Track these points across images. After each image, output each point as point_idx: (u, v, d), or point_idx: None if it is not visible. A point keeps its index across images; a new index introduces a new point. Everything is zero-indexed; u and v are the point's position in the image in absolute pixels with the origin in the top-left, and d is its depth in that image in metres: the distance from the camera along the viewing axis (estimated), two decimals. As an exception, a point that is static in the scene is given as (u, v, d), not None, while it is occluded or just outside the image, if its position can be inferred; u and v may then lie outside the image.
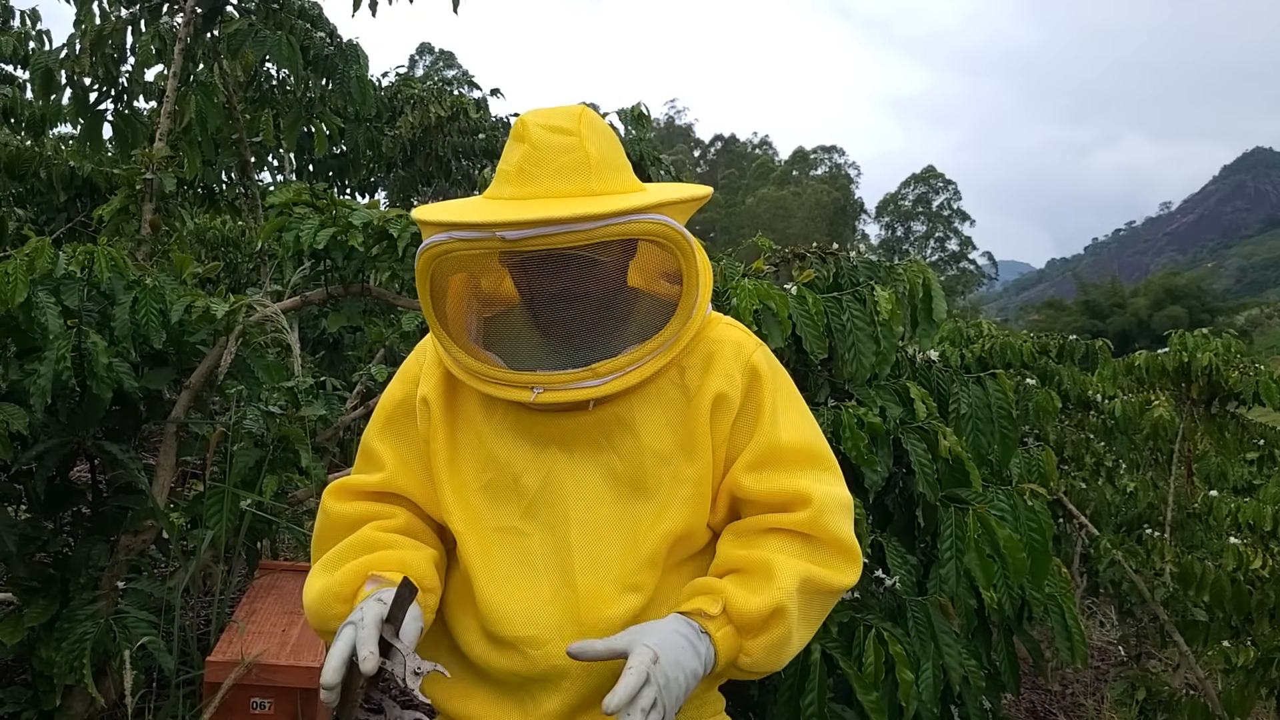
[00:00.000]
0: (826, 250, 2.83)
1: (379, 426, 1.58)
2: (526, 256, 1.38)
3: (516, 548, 1.46)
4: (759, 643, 1.37)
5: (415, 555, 1.46)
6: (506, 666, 1.43)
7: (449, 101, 7.28)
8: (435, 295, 1.42)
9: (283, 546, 4.19)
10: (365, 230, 2.98)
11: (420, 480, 1.53)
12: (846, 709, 2.21)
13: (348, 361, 6.19)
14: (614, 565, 1.43)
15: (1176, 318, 35.99)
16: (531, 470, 1.47)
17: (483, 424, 1.50)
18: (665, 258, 1.43)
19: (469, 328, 1.48)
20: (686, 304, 1.41)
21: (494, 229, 1.31)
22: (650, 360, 1.40)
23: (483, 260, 1.45)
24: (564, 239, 1.31)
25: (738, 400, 1.47)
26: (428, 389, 1.52)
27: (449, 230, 1.35)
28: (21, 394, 2.65)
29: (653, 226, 1.36)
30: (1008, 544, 2.32)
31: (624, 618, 1.40)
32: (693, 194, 1.46)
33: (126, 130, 4.95)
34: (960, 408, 2.65)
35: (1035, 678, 4.61)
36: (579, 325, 1.42)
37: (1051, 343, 5.57)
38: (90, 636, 2.65)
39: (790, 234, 43.07)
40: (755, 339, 1.56)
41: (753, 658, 1.37)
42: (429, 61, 45.34)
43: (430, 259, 1.38)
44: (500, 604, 1.43)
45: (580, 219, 1.30)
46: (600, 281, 1.42)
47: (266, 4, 4.74)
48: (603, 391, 1.39)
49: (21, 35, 6.41)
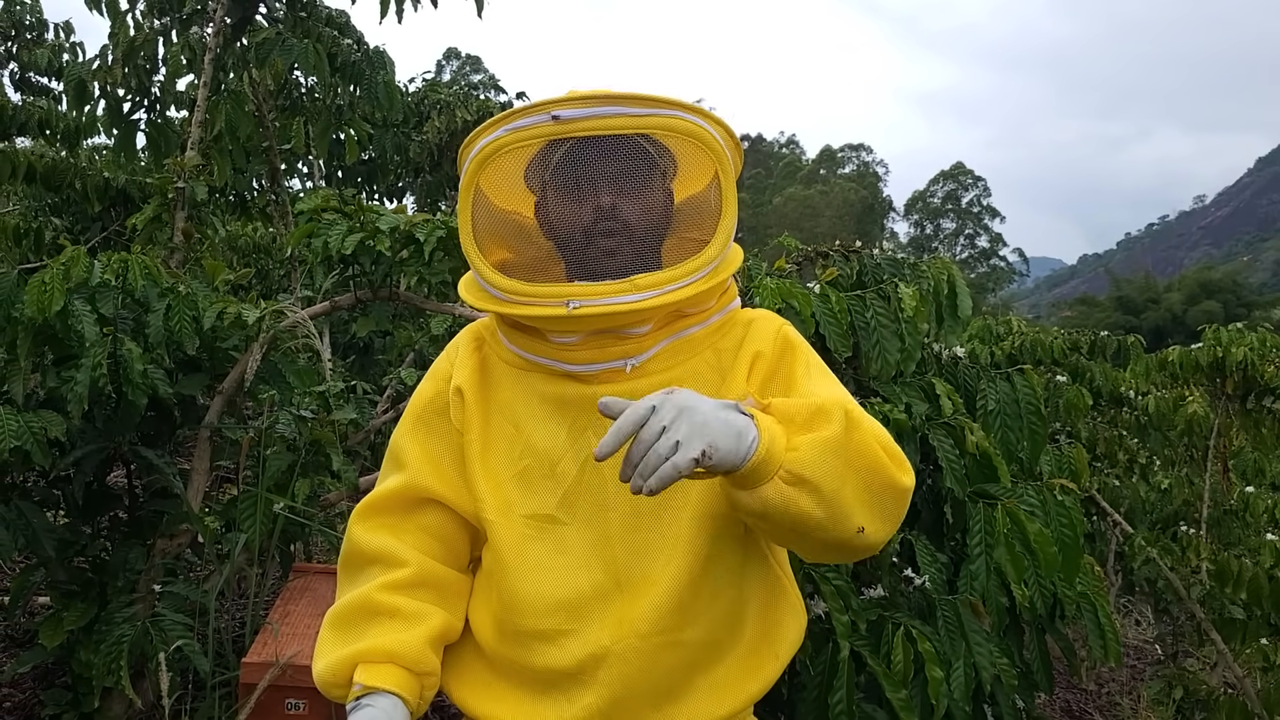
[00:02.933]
0: (850, 248, 2.83)
1: (409, 424, 1.57)
2: (576, 146, 1.39)
3: (552, 536, 1.43)
4: (808, 438, 1.21)
5: (408, 637, 1.42)
6: (539, 662, 1.41)
7: (475, 106, 7.32)
8: (476, 214, 1.44)
9: (315, 549, 4.23)
10: (392, 235, 3.00)
11: (449, 477, 1.51)
12: (876, 708, 2.21)
13: (377, 365, 6.25)
14: (659, 554, 1.40)
15: (1211, 312, 35.49)
16: (569, 456, 1.44)
17: (518, 411, 1.48)
18: (706, 177, 1.43)
19: (504, 258, 1.48)
20: (726, 226, 1.41)
21: (548, 108, 1.34)
22: (689, 284, 1.38)
23: (523, 181, 1.47)
24: (616, 122, 1.34)
25: (773, 361, 1.46)
26: (461, 379, 1.52)
27: (504, 125, 1.38)
28: (59, 401, 2.70)
29: (699, 129, 1.38)
30: (1038, 539, 2.30)
31: (664, 604, 1.38)
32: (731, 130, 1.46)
33: (159, 139, 5.02)
34: (988, 404, 2.64)
35: (1070, 676, 4.57)
36: (620, 238, 1.41)
37: (1083, 339, 5.53)
38: (128, 639, 2.68)
39: (818, 233, 42.87)
40: (783, 319, 1.55)
41: (801, 452, 1.19)
42: (456, 66, 45.55)
43: (483, 160, 1.40)
44: (531, 594, 1.41)
45: (631, 99, 1.35)
46: (644, 188, 1.42)
47: (294, 13, 4.79)
48: (641, 306, 1.35)
49: (56, 48, 6.53)
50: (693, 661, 1.42)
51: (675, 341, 1.46)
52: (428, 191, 7.67)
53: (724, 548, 1.42)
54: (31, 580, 3.02)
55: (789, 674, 2.30)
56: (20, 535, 2.69)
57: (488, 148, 1.39)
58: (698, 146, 1.40)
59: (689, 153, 1.44)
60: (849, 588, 2.28)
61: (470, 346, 1.56)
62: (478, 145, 1.41)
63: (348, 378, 4.04)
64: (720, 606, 1.43)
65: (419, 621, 1.45)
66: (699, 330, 1.47)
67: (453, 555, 1.55)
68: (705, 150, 1.40)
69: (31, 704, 3.25)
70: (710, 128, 1.40)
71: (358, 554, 1.52)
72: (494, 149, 1.38)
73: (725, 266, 1.43)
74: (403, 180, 7.60)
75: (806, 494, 1.20)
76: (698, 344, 1.47)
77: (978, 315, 6.13)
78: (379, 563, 1.49)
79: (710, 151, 1.40)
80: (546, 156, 1.43)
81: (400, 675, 1.39)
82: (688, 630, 1.40)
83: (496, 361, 1.53)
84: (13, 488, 2.91)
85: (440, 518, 1.53)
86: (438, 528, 1.53)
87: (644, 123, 1.36)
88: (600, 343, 1.42)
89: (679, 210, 1.48)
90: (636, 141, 1.39)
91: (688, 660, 1.42)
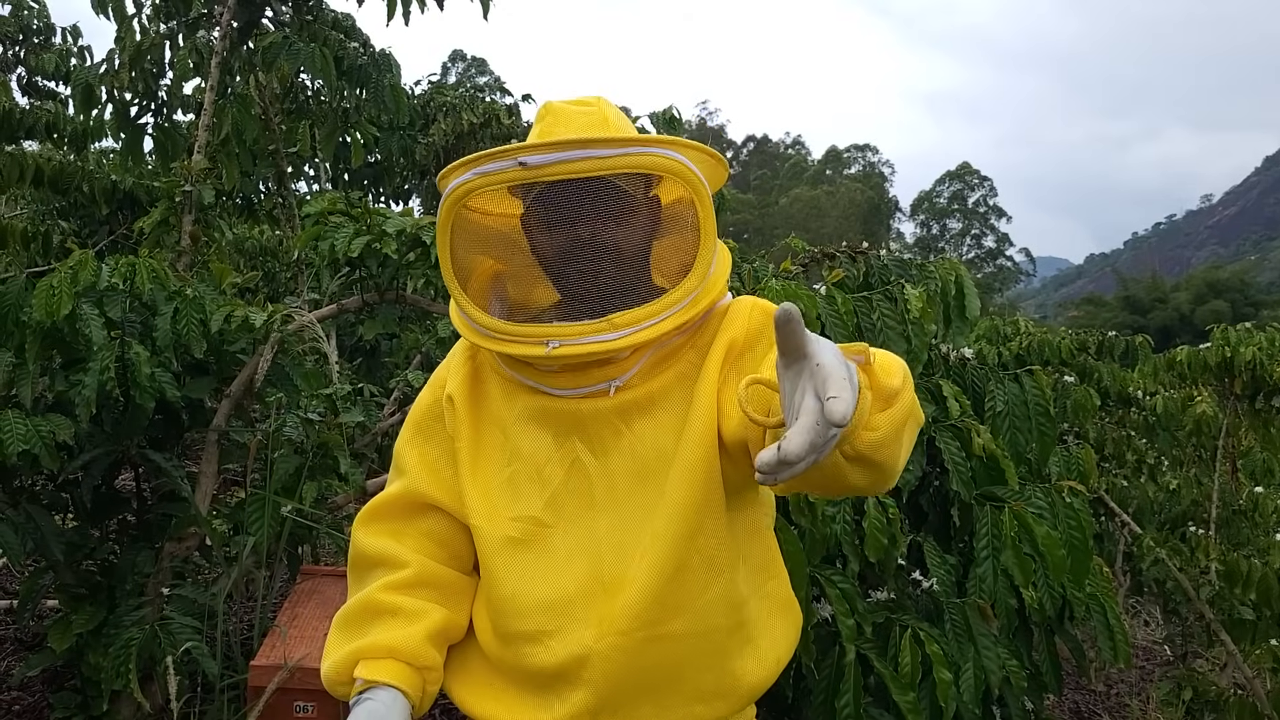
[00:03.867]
0: (856, 250, 2.82)
1: (409, 432, 1.60)
2: (546, 189, 1.39)
3: (537, 539, 1.45)
4: (887, 416, 1.09)
5: (409, 633, 1.45)
6: (528, 663, 1.43)
7: (481, 108, 7.31)
8: (455, 249, 1.44)
9: (323, 551, 4.24)
10: (399, 238, 3.01)
11: (447, 483, 1.54)
12: (883, 711, 2.20)
13: (384, 368, 6.25)
14: (644, 553, 1.40)
15: (1219, 312, 35.37)
16: (555, 461, 1.46)
17: (506, 418, 1.50)
18: (682, 208, 1.43)
19: (485, 290, 1.49)
20: (705, 256, 1.39)
21: (516, 154, 1.34)
22: (667, 317, 1.37)
23: (504, 202, 1.47)
24: (583, 165, 1.33)
25: (750, 337, 1.42)
26: (453, 387, 1.54)
27: (472, 168, 1.38)
28: (67, 404, 2.71)
29: (670, 163, 1.37)
30: (1046, 541, 2.29)
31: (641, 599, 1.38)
32: (709, 150, 1.45)
33: (166, 143, 5.03)
34: (996, 405, 2.63)
35: (1079, 678, 4.56)
36: (596, 275, 1.41)
37: (1090, 339, 5.51)
38: (136, 642, 2.69)
39: (824, 234, 42.83)
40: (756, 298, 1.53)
41: (878, 433, 1.08)
42: (461, 69, 45.61)
43: (454, 201, 1.40)
44: (516, 596, 1.43)
45: (598, 142, 1.34)
46: (618, 226, 1.42)
47: (300, 16, 4.80)
48: (619, 345, 1.35)
49: (63, 52, 6.55)
50: (682, 656, 1.43)
51: (657, 354, 1.46)
52: (434, 194, 7.66)
53: (705, 537, 1.41)
54: (40, 583, 3.03)
55: (795, 678, 2.29)
56: (29, 539, 2.70)
57: (458, 190, 1.39)
58: (671, 180, 1.39)
59: (662, 187, 1.45)
60: (854, 591, 2.28)
61: (464, 354, 1.58)
62: (449, 185, 1.41)
63: (354, 380, 4.05)
64: (707, 599, 1.43)
65: (419, 618, 1.47)
66: (680, 339, 1.47)
67: (454, 558, 1.57)
68: (680, 182, 1.39)
69: (40, 707, 3.25)
70: (682, 157, 1.38)
71: (362, 558, 1.56)
72: (464, 192, 1.39)
73: (706, 293, 1.42)
74: (408, 183, 7.60)
75: (861, 469, 1.11)
76: (680, 348, 1.47)
77: (984, 316, 6.12)
78: (382, 565, 1.53)
79: (685, 183, 1.38)
80: (522, 187, 1.44)
81: (400, 669, 1.42)
82: (672, 624, 1.40)
83: (488, 370, 1.55)
84: (21, 491, 2.92)
85: (440, 522, 1.55)
86: (438, 532, 1.55)
87: (612, 164, 1.34)
88: (583, 369, 1.43)
89: (656, 243, 1.48)
90: (607, 180, 1.39)
91: (677, 655, 1.42)
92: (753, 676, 1.48)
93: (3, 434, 2.56)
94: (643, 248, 1.46)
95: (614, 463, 1.44)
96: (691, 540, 1.39)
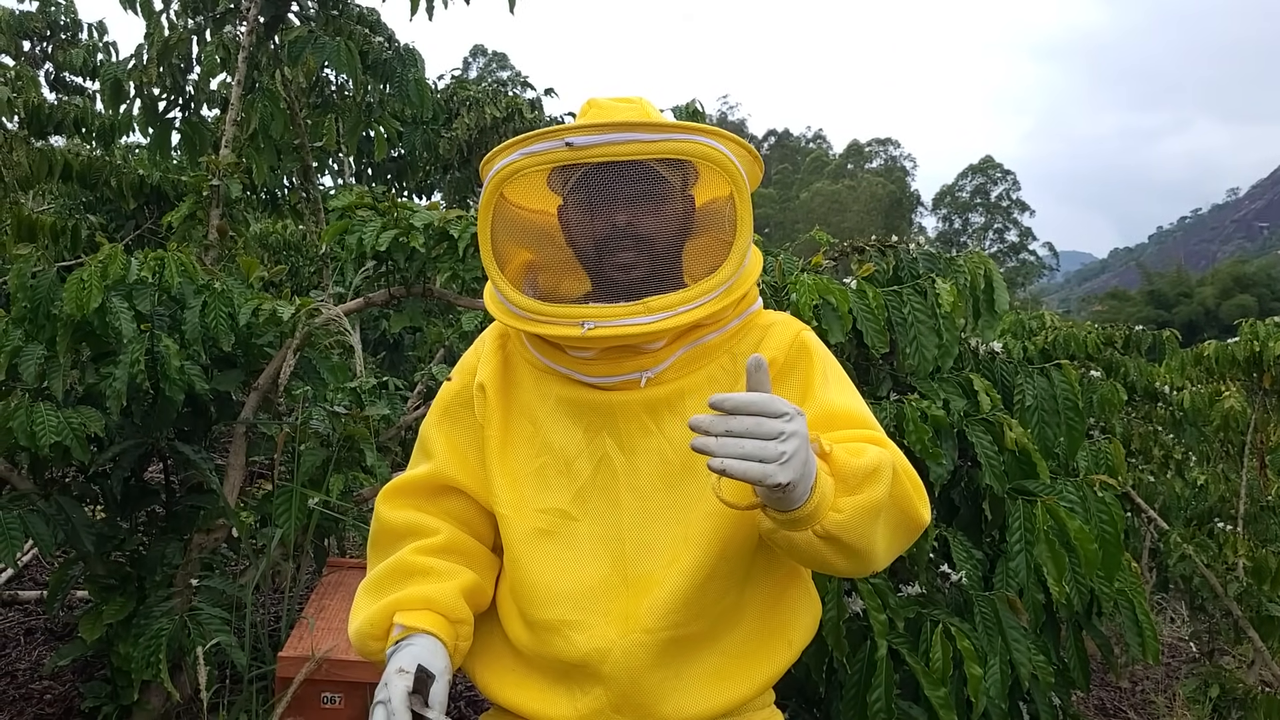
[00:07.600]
0: (885, 243, 2.81)
1: (437, 416, 1.62)
2: (590, 172, 1.41)
3: (563, 531, 1.47)
4: (852, 501, 1.23)
5: (443, 587, 1.47)
6: (550, 652, 1.44)
7: (504, 103, 7.31)
8: (495, 233, 1.46)
9: (349, 544, 4.26)
10: (426, 231, 3.01)
11: (473, 468, 1.56)
12: (913, 705, 2.20)
13: (408, 361, 6.28)
14: (665, 552, 1.43)
15: (1246, 306, 35.03)
16: (584, 456, 1.48)
17: (538, 410, 1.52)
18: (720, 199, 1.45)
19: (520, 277, 1.51)
20: (740, 247, 1.42)
21: (563, 134, 1.36)
22: (702, 304, 1.40)
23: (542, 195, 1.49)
24: (628, 149, 1.36)
25: (784, 368, 1.48)
26: (485, 375, 1.56)
27: (520, 148, 1.40)
28: (98, 397, 2.73)
29: (712, 151, 1.40)
30: (1079, 536, 2.28)
31: (671, 602, 1.40)
32: (748, 145, 1.48)
33: (194, 138, 5.05)
34: (1025, 399, 2.61)
35: (1105, 674, 4.53)
36: (634, 259, 1.43)
37: (1117, 334, 5.47)
38: (166, 633, 2.71)
39: (845, 228, 42.67)
40: (804, 324, 1.57)
41: (842, 515, 1.22)
42: (483, 63, 45.67)
43: (499, 181, 1.43)
44: (541, 585, 1.45)
45: (644, 125, 1.38)
46: (657, 212, 1.44)
47: (326, 11, 4.81)
48: (653, 328, 1.38)
49: (90, 48, 6.60)
50: (700, 652, 1.45)
51: (691, 350, 1.48)
52: (456, 188, 7.68)
53: (734, 548, 1.44)
54: (70, 574, 3.05)
55: (827, 672, 2.29)
56: (60, 530, 2.73)
57: (504, 170, 1.42)
58: (712, 168, 1.42)
59: (703, 175, 1.46)
60: (886, 585, 2.27)
61: (495, 344, 1.60)
62: (495, 166, 1.44)
63: (379, 374, 4.06)
64: (728, 601, 1.46)
65: (452, 576, 1.50)
66: (715, 337, 1.49)
67: (476, 537, 1.59)
68: (719, 172, 1.41)
69: (71, 696, 3.29)
70: (724, 148, 1.41)
71: (388, 530, 1.57)
72: (510, 172, 1.42)
73: (741, 283, 1.45)
74: (431, 177, 7.61)
75: (835, 550, 1.25)
76: (713, 350, 1.49)
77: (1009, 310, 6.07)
78: (411, 534, 1.54)
79: (725, 173, 1.41)
80: (565, 173, 1.46)
81: (438, 620, 1.44)
82: (693, 625, 1.42)
83: (519, 360, 1.57)
84: (52, 483, 2.94)
85: (463, 504, 1.58)
86: (460, 512, 1.58)
87: (657, 148, 1.38)
88: (616, 356, 1.45)
89: (693, 230, 1.50)
90: (649, 165, 1.42)
91: (695, 651, 1.44)
92: (771, 665, 1.50)
93: (35, 426, 2.58)
94: (680, 236, 1.48)
95: (641, 461, 1.46)
96: (724, 547, 1.42)
